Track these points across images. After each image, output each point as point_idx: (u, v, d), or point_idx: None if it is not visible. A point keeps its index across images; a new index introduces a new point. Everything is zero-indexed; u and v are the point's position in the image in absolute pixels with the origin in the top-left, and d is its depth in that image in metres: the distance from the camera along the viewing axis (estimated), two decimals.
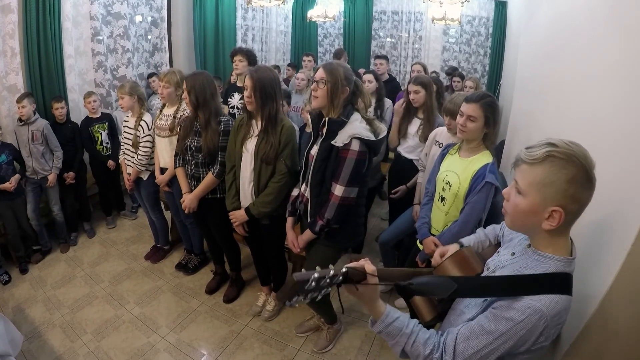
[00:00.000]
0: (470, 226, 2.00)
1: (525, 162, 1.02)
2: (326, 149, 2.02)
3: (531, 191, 1.01)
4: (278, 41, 7.66)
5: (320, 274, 0.99)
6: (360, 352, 2.65)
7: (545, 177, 0.98)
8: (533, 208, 1.02)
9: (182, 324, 2.88)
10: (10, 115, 3.62)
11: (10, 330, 2.15)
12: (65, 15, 3.96)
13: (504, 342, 1.00)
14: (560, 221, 0.99)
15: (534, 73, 2.76)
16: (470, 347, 1.05)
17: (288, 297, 0.98)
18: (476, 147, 2.04)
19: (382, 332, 1.15)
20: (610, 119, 1.42)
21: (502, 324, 1.01)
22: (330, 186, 2.04)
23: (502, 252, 1.29)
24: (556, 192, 0.98)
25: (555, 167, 0.97)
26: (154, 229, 3.71)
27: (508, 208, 1.10)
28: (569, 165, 0.96)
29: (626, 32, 1.38)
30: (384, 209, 4.44)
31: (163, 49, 5.51)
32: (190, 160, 2.73)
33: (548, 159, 0.98)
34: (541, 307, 0.97)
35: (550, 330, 0.99)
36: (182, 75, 3.01)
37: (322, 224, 2.09)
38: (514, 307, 1.00)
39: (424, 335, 1.13)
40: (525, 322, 0.98)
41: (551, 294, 0.99)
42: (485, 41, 7.07)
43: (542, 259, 1.06)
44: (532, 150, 1.01)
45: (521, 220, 1.07)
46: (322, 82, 1.96)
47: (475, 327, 1.07)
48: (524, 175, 1.03)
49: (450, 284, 1.08)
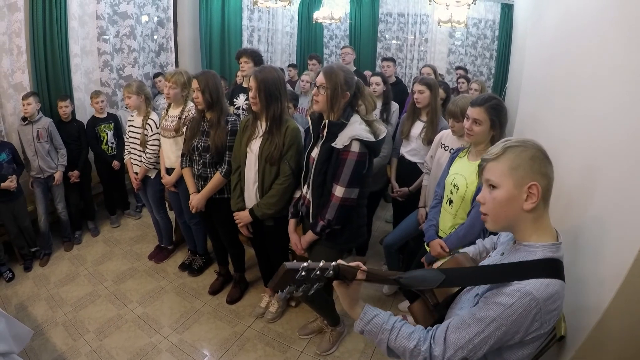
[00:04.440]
0: (477, 229, 1.99)
1: (489, 160, 1.14)
2: (327, 151, 2.03)
3: (504, 179, 1.10)
4: (284, 42, 7.66)
5: (310, 265, 1.02)
6: (364, 354, 2.64)
7: (512, 162, 1.09)
8: (510, 193, 1.09)
9: (184, 325, 2.87)
10: (15, 114, 3.63)
11: (15, 326, 2.14)
12: (71, 15, 3.98)
13: (496, 328, 1.00)
14: (538, 195, 1.06)
15: (541, 75, 2.74)
16: (462, 336, 1.04)
17: (280, 287, 1.01)
18: (484, 150, 2.01)
19: (364, 332, 1.17)
20: (617, 121, 1.40)
21: (492, 310, 1.01)
22: (331, 187, 2.05)
23: (492, 254, 1.31)
24: (525, 171, 1.08)
25: (516, 152, 1.10)
26: (157, 229, 3.71)
27: (487, 208, 1.15)
28: (526, 148, 1.10)
29: (633, 33, 1.36)
30: (389, 211, 4.43)
31: (169, 49, 5.52)
32: (198, 160, 2.73)
33: (507, 149, 1.11)
34: (531, 290, 0.98)
35: (545, 316, 0.99)
36: (188, 76, 3.01)
37: (324, 225, 2.09)
38: (503, 292, 1.02)
39: (408, 330, 1.13)
40: (515, 306, 0.98)
41: (540, 278, 1.00)
42: (491, 44, 7.03)
43: (528, 248, 1.10)
44: (491, 150, 1.15)
45: (504, 212, 1.12)
46: (323, 88, 1.97)
47: (465, 316, 1.07)
48: (493, 170, 1.13)
49: (439, 275, 1.11)
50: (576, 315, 1.06)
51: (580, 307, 1.04)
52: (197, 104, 2.64)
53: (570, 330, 1.38)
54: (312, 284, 1.05)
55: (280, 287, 1.01)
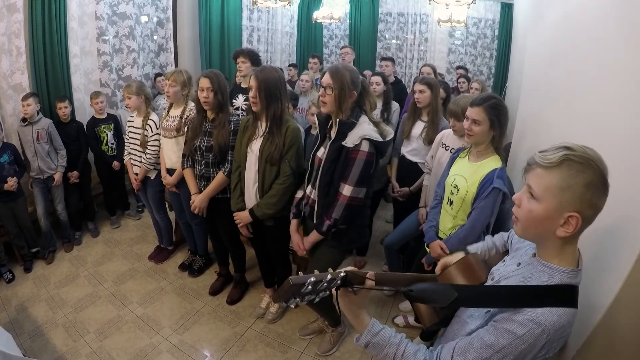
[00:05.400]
0: (477, 231, 1.99)
1: (540, 165, 0.98)
2: (336, 150, 2.03)
3: (547, 196, 0.96)
4: (283, 42, 7.66)
5: (317, 278, 0.97)
6: (364, 355, 2.63)
7: (563, 182, 0.94)
8: (549, 214, 0.97)
9: (185, 325, 2.86)
10: (15, 115, 3.63)
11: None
12: (70, 15, 3.97)
13: (504, 356, 0.96)
14: (576, 227, 0.95)
15: (542, 74, 2.73)
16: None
17: (284, 299, 0.97)
18: (484, 151, 2.02)
19: (369, 345, 1.13)
20: (619, 121, 1.39)
21: (502, 338, 0.97)
22: (338, 187, 2.04)
23: (508, 262, 1.25)
24: (573, 197, 0.93)
25: (572, 171, 0.93)
26: (158, 230, 3.71)
27: (520, 214, 1.04)
28: (586, 170, 0.92)
29: (634, 32, 1.35)
30: (389, 211, 4.42)
31: (168, 50, 5.52)
32: (200, 160, 2.72)
33: (565, 162, 0.94)
34: (543, 321, 0.93)
35: (552, 344, 0.96)
36: (188, 75, 3.02)
37: (330, 224, 2.09)
38: (515, 319, 0.96)
39: (413, 348, 1.10)
40: (526, 336, 0.94)
41: (554, 307, 0.95)
42: (491, 43, 7.03)
43: (547, 270, 1.03)
44: (548, 154, 0.97)
45: (534, 227, 1.02)
46: (330, 89, 1.97)
47: (474, 340, 1.03)
48: (539, 179, 0.98)
49: (451, 293, 1.05)
50: (578, 315, 1.06)
51: (581, 307, 1.03)
52: (205, 104, 2.60)
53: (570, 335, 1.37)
54: (317, 294, 1.01)
55: (285, 300, 0.97)
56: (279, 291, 0.97)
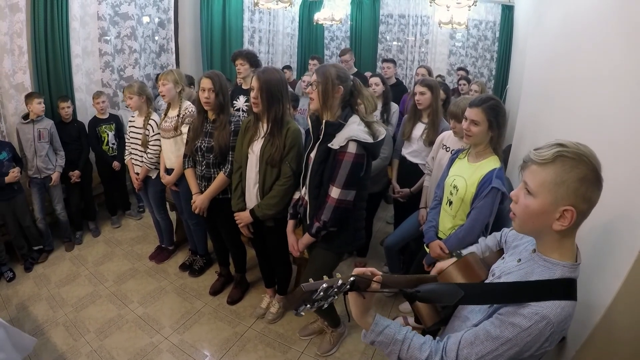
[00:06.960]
0: (477, 231, 1.99)
1: (534, 162, 1.02)
2: (324, 151, 2.02)
3: (542, 191, 1.00)
4: (285, 44, 7.67)
5: (328, 284, 0.99)
6: (364, 356, 2.64)
7: (557, 177, 0.98)
8: (544, 208, 1.01)
9: (185, 325, 2.87)
10: (17, 114, 3.63)
11: (16, 335, 2.12)
12: (73, 15, 3.99)
13: (509, 348, 0.99)
14: (572, 221, 0.98)
15: (542, 76, 2.74)
16: (474, 352, 1.03)
17: (295, 306, 0.99)
18: (483, 151, 2.03)
19: (375, 342, 1.15)
20: (618, 122, 1.40)
21: (508, 330, 1.00)
22: (327, 189, 2.04)
23: (507, 258, 1.27)
24: (568, 192, 0.97)
25: (566, 166, 0.97)
26: (158, 229, 3.72)
27: (517, 210, 1.08)
28: (579, 165, 0.96)
29: (634, 34, 1.36)
30: (390, 212, 4.43)
31: (170, 50, 5.54)
32: (201, 161, 2.73)
33: (558, 158, 0.98)
34: (548, 314, 0.96)
35: (555, 336, 0.99)
36: (179, 73, 3.05)
37: (319, 226, 2.08)
38: (520, 313, 0.99)
39: (419, 340, 1.12)
40: (531, 329, 0.97)
41: (557, 300, 0.98)
42: (491, 45, 7.04)
43: (548, 264, 1.05)
44: (542, 151, 1.02)
45: (531, 221, 1.06)
46: (315, 84, 1.98)
47: (480, 332, 1.05)
48: (535, 175, 1.02)
49: (457, 291, 1.08)
50: (577, 315, 1.06)
51: (581, 306, 1.04)
52: (206, 105, 2.60)
53: (571, 330, 1.38)
54: (327, 300, 1.02)
55: (296, 307, 0.99)
56: (290, 299, 0.99)
